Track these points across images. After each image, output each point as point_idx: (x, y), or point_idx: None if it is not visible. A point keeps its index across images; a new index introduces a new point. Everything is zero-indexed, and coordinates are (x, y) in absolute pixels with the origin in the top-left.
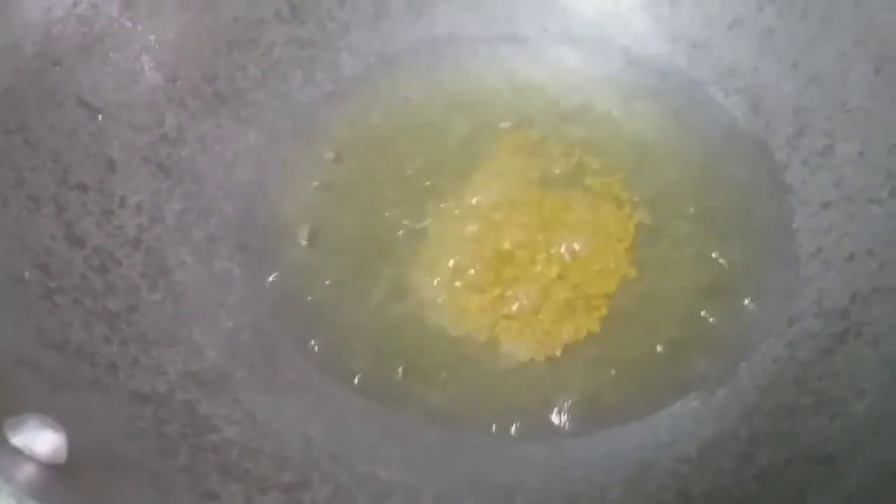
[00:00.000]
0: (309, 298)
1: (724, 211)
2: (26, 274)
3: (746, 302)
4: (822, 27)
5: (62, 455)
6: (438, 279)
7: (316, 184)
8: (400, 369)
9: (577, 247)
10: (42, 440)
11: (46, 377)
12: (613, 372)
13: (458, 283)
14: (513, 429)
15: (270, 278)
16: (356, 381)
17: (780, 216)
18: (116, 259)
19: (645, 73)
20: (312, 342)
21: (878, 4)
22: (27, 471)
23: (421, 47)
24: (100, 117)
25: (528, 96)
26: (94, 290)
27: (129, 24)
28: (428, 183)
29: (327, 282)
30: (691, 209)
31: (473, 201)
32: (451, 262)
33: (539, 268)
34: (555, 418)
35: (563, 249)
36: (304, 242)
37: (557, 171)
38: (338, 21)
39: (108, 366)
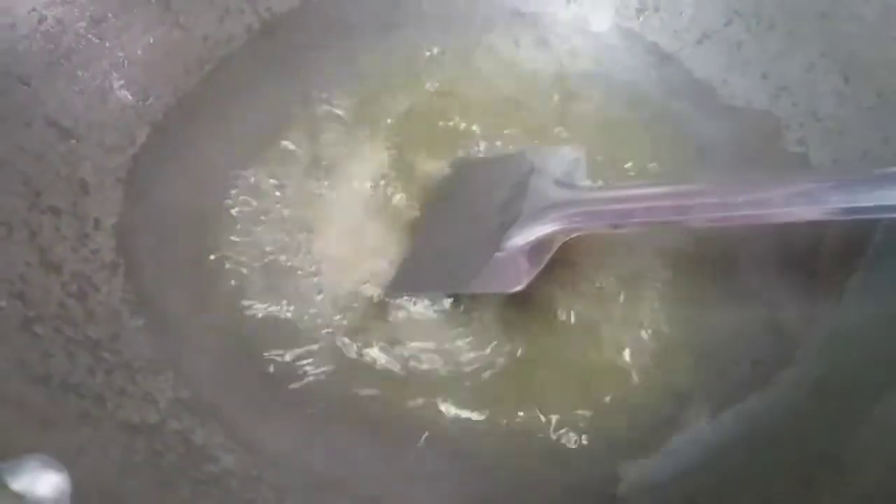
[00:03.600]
0: (296, 315)
1: None
2: (2, 303)
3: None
4: (789, 39)
5: (66, 497)
6: None
7: (293, 200)
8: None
9: None
10: (44, 483)
11: (34, 414)
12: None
13: None
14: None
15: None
16: (354, 400)
17: None
18: (94, 285)
19: (617, 86)
20: (304, 362)
21: (842, 16)
22: None
23: (393, 62)
24: (70, 138)
25: (499, 111)
26: (74, 319)
27: (97, 41)
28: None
29: (317, 295)
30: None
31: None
32: None
33: None
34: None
35: None
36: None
37: None
38: (310, 36)
39: (96, 398)
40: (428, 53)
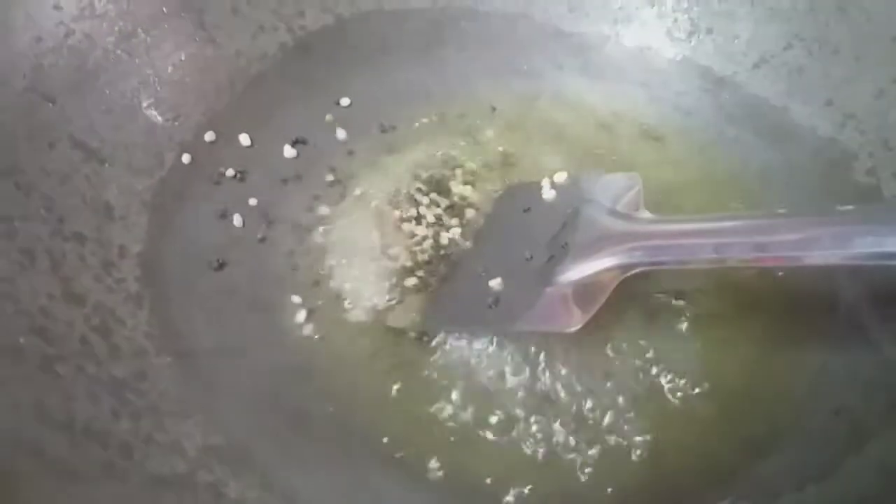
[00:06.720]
0: (342, 356)
1: None
2: (21, 339)
3: None
4: (856, 64)
5: None
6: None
7: (331, 225)
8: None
9: None
10: None
11: (55, 464)
12: None
13: None
14: None
15: (292, 334)
16: (403, 453)
17: None
18: (119, 318)
19: (668, 110)
20: (347, 407)
21: None
22: None
23: (432, 85)
24: (96, 159)
25: (543, 136)
26: (98, 356)
27: (126, 58)
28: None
29: (362, 339)
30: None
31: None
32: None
33: None
34: None
35: None
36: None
37: None
38: (345, 57)
39: (121, 446)
40: (468, 76)
